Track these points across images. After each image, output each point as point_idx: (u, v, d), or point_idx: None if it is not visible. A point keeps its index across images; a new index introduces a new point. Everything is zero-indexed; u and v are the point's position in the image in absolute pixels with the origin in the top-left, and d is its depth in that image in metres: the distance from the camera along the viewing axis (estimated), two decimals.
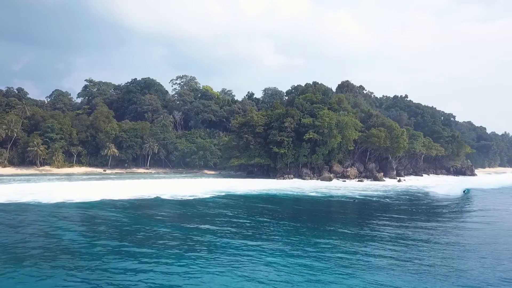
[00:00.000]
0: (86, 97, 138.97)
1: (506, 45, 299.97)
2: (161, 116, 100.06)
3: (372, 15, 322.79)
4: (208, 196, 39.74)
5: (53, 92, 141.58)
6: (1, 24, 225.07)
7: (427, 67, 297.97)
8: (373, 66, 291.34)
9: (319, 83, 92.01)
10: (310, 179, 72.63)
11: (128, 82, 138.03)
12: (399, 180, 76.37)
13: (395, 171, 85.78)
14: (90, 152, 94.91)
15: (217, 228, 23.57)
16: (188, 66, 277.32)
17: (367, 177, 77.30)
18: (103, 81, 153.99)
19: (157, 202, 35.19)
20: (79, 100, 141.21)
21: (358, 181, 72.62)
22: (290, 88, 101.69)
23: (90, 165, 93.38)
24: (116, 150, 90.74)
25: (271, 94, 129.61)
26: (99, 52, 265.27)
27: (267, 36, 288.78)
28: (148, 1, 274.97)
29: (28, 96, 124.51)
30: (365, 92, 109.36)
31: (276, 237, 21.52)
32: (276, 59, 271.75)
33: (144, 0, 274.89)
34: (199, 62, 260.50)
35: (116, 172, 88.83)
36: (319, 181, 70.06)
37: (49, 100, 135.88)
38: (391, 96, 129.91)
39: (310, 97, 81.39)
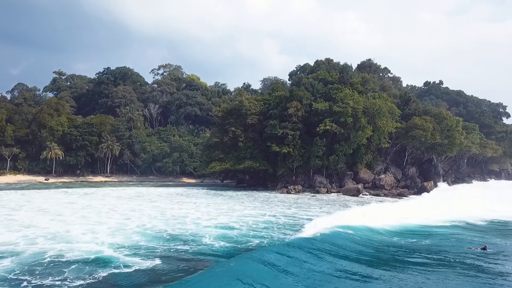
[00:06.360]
0: (54, 92, 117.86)
1: None
2: (127, 107, 76.91)
3: (379, 16, 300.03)
4: (149, 263, 13.55)
5: (15, 86, 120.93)
6: None
7: (435, 69, 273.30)
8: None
9: (334, 61, 68.58)
10: (327, 191, 49.08)
11: (99, 72, 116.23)
12: None
13: (441, 178, 62.00)
14: (32, 155, 71.97)
15: None
16: (189, 68, 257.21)
17: (408, 188, 53.51)
18: (76, 74, 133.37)
19: None
20: (50, 95, 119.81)
21: (398, 195, 48.75)
22: (295, 69, 77.83)
23: (29, 172, 70.37)
24: (60, 152, 67.57)
25: (271, 85, 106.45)
26: (98, 55, 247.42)
27: (271, 36, 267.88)
28: (148, 1, 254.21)
29: None
30: (391, 75, 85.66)
31: None
32: (280, 60, 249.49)
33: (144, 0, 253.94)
34: (200, 64, 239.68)
35: (61, 182, 65.73)
36: (341, 195, 46.48)
37: (11, 95, 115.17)
38: (419, 85, 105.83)
39: (323, 75, 58.20)
